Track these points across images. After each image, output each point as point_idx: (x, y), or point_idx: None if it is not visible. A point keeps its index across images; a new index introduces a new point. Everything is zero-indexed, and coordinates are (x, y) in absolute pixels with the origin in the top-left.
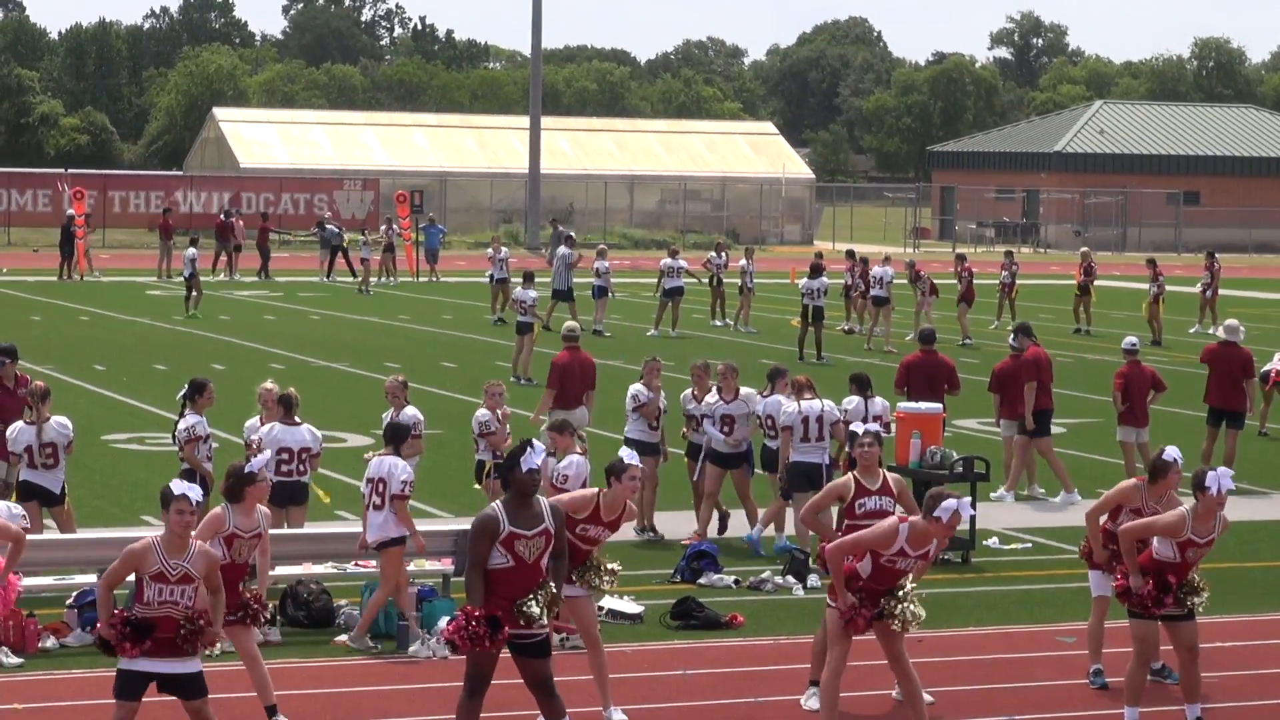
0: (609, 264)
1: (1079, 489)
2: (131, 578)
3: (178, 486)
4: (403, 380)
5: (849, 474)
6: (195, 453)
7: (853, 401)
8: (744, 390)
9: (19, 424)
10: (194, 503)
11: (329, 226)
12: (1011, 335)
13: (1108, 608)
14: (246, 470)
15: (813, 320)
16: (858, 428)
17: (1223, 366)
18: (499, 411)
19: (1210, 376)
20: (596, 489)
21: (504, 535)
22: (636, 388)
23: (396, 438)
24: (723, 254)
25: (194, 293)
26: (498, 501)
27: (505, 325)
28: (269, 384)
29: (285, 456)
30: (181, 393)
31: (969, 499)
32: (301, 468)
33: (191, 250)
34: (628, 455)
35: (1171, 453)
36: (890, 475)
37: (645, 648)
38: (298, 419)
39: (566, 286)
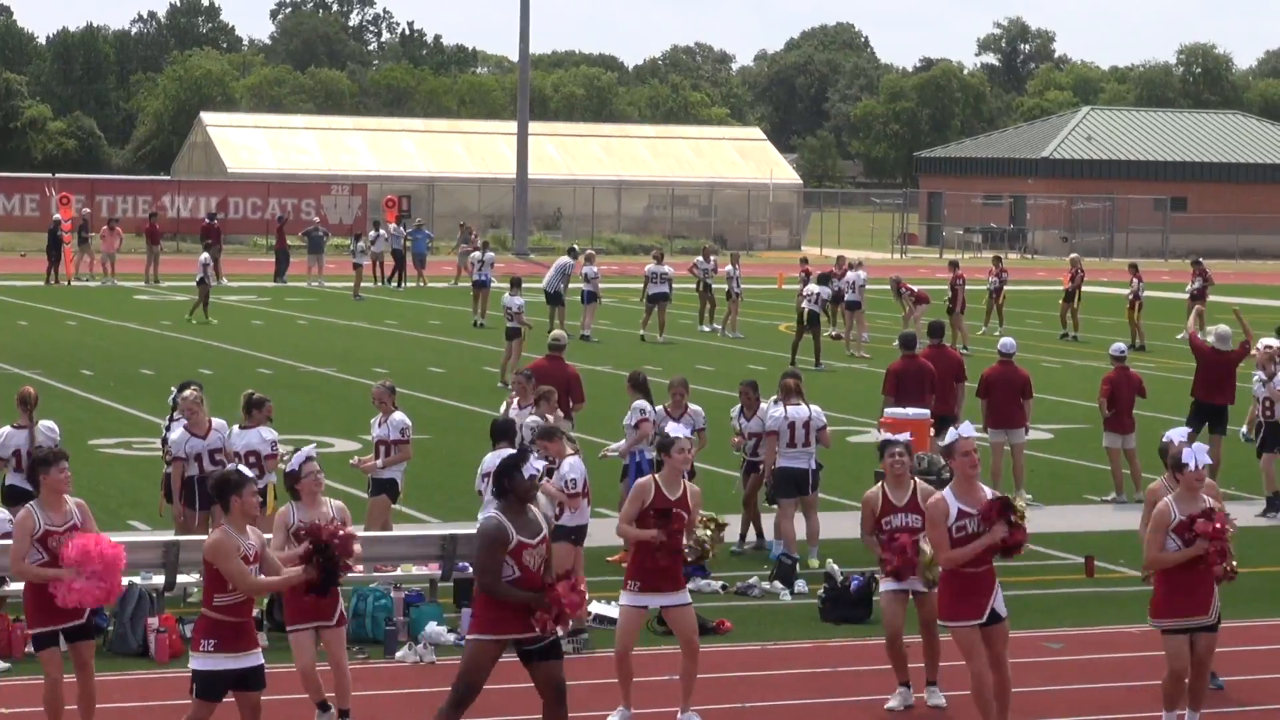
0: (598, 269)
1: (1067, 495)
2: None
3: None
4: (390, 386)
5: (878, 485)
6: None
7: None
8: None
9: (7, 429)
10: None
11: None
12: (1000, 343)
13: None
14: (289, 470)
15: (809, 326)
16: (897, 437)
17: (1210, 368)
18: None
19: (1198, 371)
20: (650, 475)
21: (513, 545)
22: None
23: (507, 432)
24: (710, 259)
25: (200, 299)
26: (497, 511)
27: (488, 330)
28: (190, 391)
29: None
30: (171, 397)
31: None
32: (258, 470)
33: (205, 255)
34: (674, 429)
35: (1171, 436)
36: (923, 486)
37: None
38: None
39: (555, 290)
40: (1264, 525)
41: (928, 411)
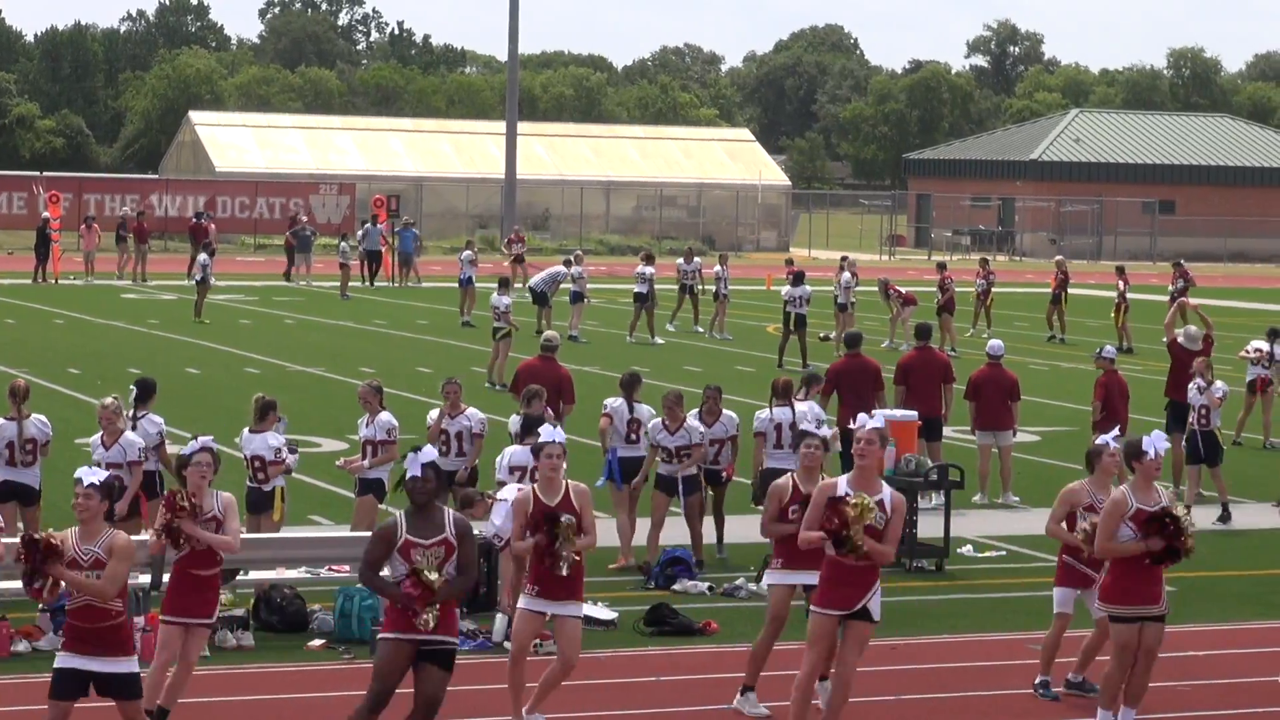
0: (584, 269)
1: (1054, 498)
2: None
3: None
4: (376, 386)
5: (788, 476)
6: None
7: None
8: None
9: None
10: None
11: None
12: (989, 345)
13: (1067, 624)
14: (180, 454)
15: (795, 328)
16: (810, 429)
17: (1183, 368)
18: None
19: (1171, 371)
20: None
21: (400, 543)
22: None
23: (532, 428)
24: (693, 260)
25: (200, 298)
26: (401, 510)
27: (475, 329)
28: (109, 400)
29: (258, 464)
30: (133, 394)
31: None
32: (260, 475)
33: (204, 255)
34: (546, 432)
35: (1102, 439)
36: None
37: (619, 654)
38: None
39: (542, 290)
40: (1244, 530)
41: (915, 414)
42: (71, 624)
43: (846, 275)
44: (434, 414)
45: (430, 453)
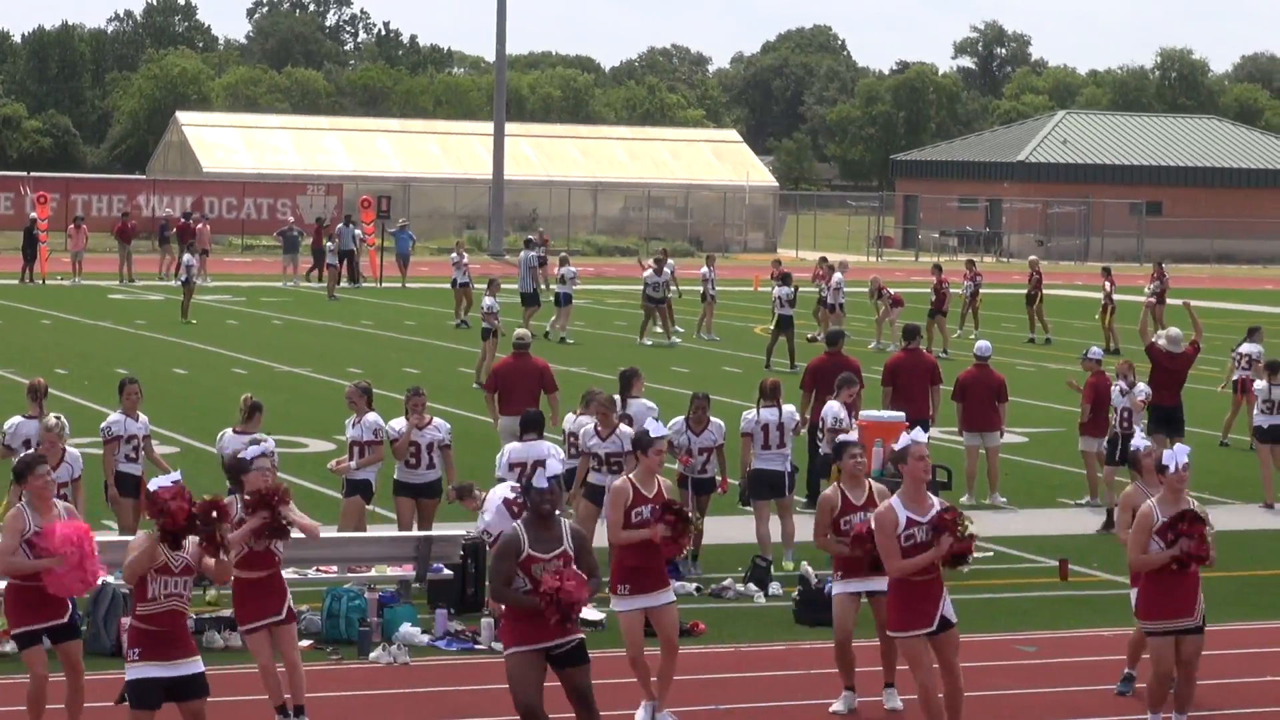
0: (576, 270)
1: (1041, 498)
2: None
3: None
4: (363, 387)
5: (835, 485)
6: (114, 452)
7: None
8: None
9: (18, 418)
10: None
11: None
12: (976, 346)
13: None
14: (239, 457)
15: (783, 329)
16: (848, 438)
17: (1163, 371)
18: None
19: (1152, 374)
20: (624, 475)
21: (523, 558)
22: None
23: (538, 424)
24: (664, 270)
25: (187, 299)
26: (519, 522)
27: (468, 330)
28: (50, 419)
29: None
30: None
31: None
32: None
33: (188, 256)
34: (655, 429)
35: (1135, 444)
36: (876, 486)
37: (606, 654)
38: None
39: (531, 289)
40: (1232, 530)
41: (903, 414)
42: (150, 630)
43: (838, 276)
44: (397, 424)
45: (556, 466)
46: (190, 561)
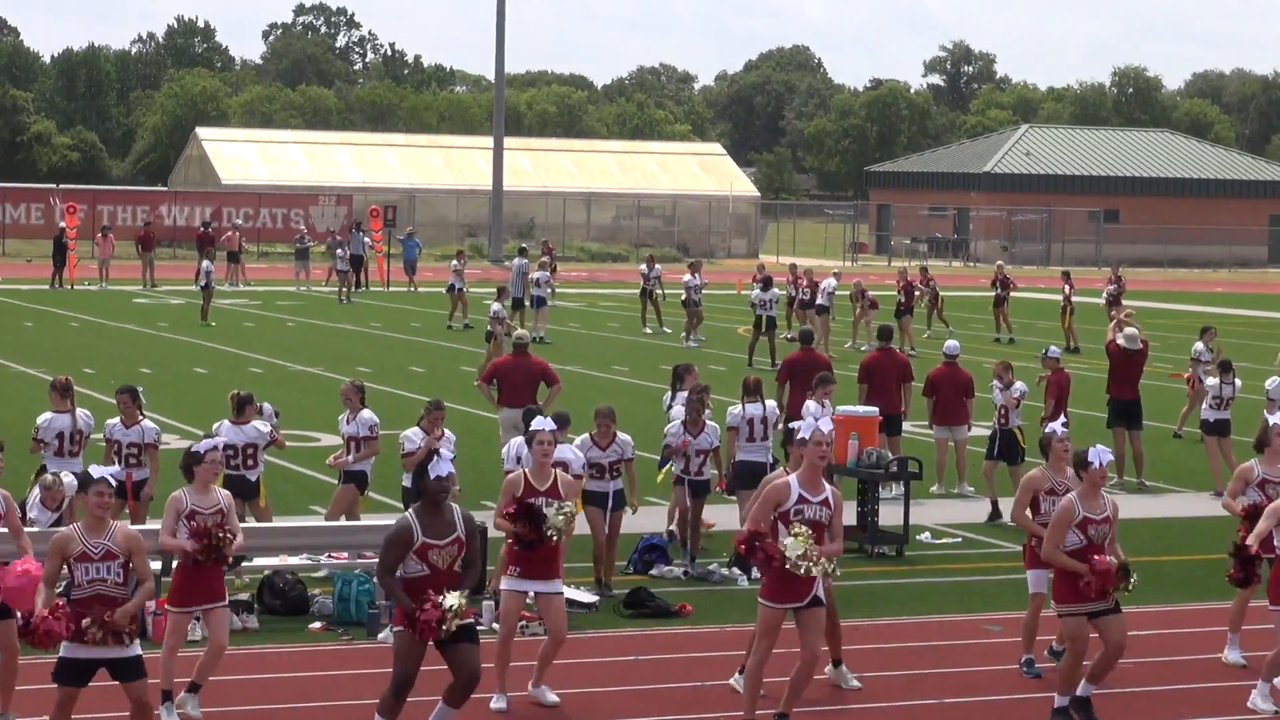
0: (548, 274)
1: (1006, 487)
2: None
3: (95, 470)
4: (358, 385)
5: (787, 478)
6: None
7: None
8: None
9: (49, 414)
10: (111, 485)
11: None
12: (945, 346)
13: (1042, 603)
14: (193, 450)
15: (765, 329)
16: (805, 431)
17: (1119, 367)
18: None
19: (1110, 370)
20: (521, 469)
21: (417, 545)
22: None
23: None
24: (654, 267)
25: (206, 302)
26: (411, 511)
27: (468, 331)
28: (48, 477)
29: (231, 453)
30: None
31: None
32: (250, 463)
33: (206, 263)
34: (538, 423)
35: (1050, 427)
36: (831, 489)
37: (600, 634)
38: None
39: (521, 294)
40: (1184, 517)
41: (877, 410)
42: (80, 614)
43: (831, 281)
44: (412, 436)
45: (447, 459)
46: (111, 547)
